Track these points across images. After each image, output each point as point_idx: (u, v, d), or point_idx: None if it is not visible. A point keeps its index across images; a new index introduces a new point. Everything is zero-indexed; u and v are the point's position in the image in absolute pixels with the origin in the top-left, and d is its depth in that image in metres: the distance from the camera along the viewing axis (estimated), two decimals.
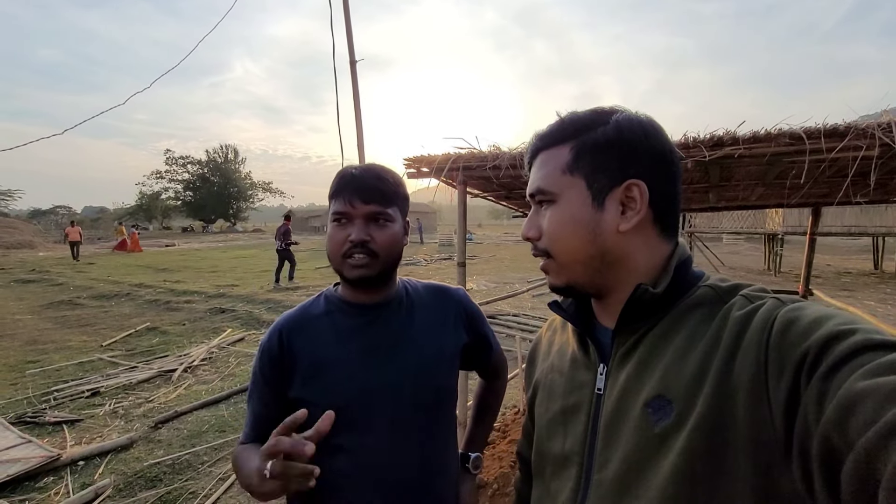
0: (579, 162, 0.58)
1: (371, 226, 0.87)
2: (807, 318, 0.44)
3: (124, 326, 6.65)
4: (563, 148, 0.60)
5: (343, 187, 0.87)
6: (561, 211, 0.59)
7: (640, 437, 0.50)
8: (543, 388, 0.69)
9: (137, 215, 50.92)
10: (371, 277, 0.88)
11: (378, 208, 0.87)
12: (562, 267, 0.61)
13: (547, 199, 0.60)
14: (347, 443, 0.87)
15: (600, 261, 0.58)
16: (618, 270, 0.59)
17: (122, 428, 3.49)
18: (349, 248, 0.86)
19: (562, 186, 0.59)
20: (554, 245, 0.60)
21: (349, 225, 0.87)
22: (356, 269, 0.87)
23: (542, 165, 0.61)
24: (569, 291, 0.63)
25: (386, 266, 0.90)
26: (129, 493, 2.69)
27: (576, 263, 0.59)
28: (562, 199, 0.59)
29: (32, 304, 8.52)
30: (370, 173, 0.89)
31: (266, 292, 9.26)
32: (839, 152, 1.51)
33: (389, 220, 0.89)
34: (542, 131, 0.63)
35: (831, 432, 0.36)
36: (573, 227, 0.58)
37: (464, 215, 2.40)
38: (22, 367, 4.90)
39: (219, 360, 5.13)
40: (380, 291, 0.94)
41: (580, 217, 0.58)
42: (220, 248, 24.66)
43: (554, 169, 0.60)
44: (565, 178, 0.59)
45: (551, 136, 0.61)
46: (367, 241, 0.86)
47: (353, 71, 2.30)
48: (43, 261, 16.77)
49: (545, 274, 0.63)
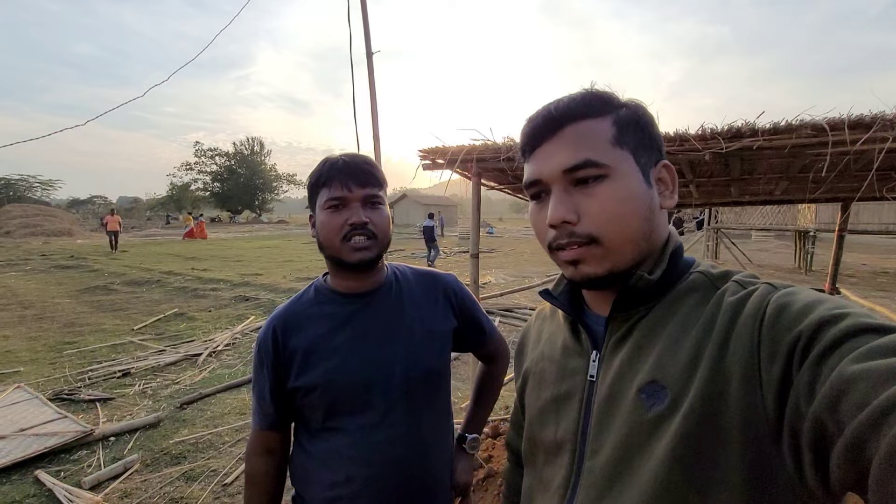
0: (625, 135, 0.55)
1: (367, 209, 0.90)
2: (799, 302, 0.44)
3: (154, 312, 6.94)
4: (604, 120, 0.55)
5: (336, 173, 0.90)
6: (618, 186, 0.53)
7: (634, 423, 0.50)
8: (534, 377, 0.68)
9: (168, 205, 52.61)
10: (371, 259, 0.91)
11: (373, 191, 0.91)
12: (610, 252, 0.54)
13: (598, 174, 0.53)
14: (343, 425, 0.92)
15: (647, 240, 0.55)
16: (651, 249, 0.57)
17: (150, 407, 3.66)
18: (349, 231, 0.89)
19: (616, 159, 0.54)
20: (610, 225, 0.53)
21: (345, 210, 0.89)
22: (358, 252, 0.89)
23: (580, 138, 0.54)
24: (603, 281, 0.56)
25: (382, 248, 0.93)
26: (155, 468, 2.83)
27: (629, 244, 0.54)
28: (618, 174, 0.53)
29: (70, 288, 8.96)
30: (360, 159, 0.92)
31: (289, 282, 9.47)
32: (864, 144, 1.45)
33: (381, 203, 0.93)
34: (563, 102, 0.56)
35: (823, 415, 0.36)
36: (635, 205, 0.54)
37: (478, 207, 2.41)
38: (60, 348, 5.19)
39: (241, 345, 5.29)
40: (370, 278, 0.97)
41: (640, 193, 0.54)
42: (246, 238, 25.28)
43: (602, 140, 0.54)
44: (617, 151, 0.54)
45: (585, 107, 0.55)
46: (367, 222, 0.89)
47: (370, 62, 2.32)
48: (81, 248, 17.58)
49: (576, 265, 0.55)
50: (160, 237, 25.07)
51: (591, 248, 0.54)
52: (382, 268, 1.01)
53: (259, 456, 0.99)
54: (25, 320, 6.49)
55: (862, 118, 1.46)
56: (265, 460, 0.99)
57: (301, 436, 0.99)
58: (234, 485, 2.66)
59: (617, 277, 0.55)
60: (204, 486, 2.63)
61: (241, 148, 54.80)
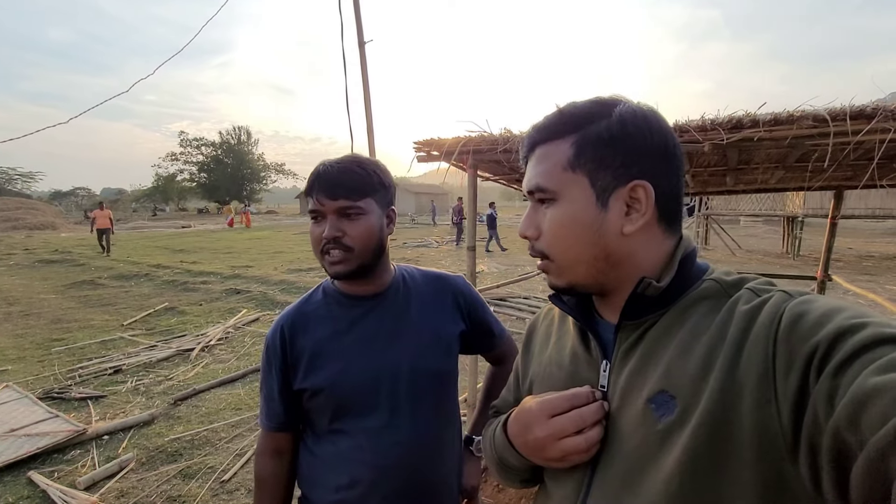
0: (581, 158, 0.55)
1: (343, 221, 0.87)
2: (816, 311, 0.43)
3: (144, 306, 6.84)
4: (564, 142, 0.56)
5: (312, 185, 0.88)
6: (562, 211, 0.56)
7: (644, 434, 0.50)
8: (542, 383, 0.67)
9: (154, 196, 51.70)
10: (350, 272, 0.88)
11: (346, 203, 0.86)
12: (562, 269, 0.58)
13: (547, 198, 0.57)
14: (349, 427, 0.91)
15: (604, 262, 0.56)
16: (621, 270, 0.56)
17: (143, 404, 3.62)
18: (324, 245, 0.87)
19: (563, 184, 0.56)
20: (554, 247, 0.57)
21: (323, 221, 0.87)
22: (333, 266, 0.88)
23: (541, 161, 0.58)
24: (570, 291, 0.60)
25: (364, 259, 0.89)
26: (150, 466, 2.80)
27: (578, 265, 0.57)
28: (563, 199, 0.56)
29: (56, 283, 8.79)
30: (337, 168, 0.87)
31: (280, 273, 9.39)
32: (865, 135, 1.44)
33: (361, 213, 0.87)
34: (539, 123, 0.59)
35: (843, 429, 0.35)
36: (575, 229, 0.55)
37: (474, 199, 2.38)
38: (48, 345, 5.09)
39: (235, 339, 5.25)
40: (373, 282, 0.95)
41: (583, 218, 0.55)
42: (236, 229, 24.99)
43: (554, 165, 0.56)
44: (567, 175, 0.55)
45: (550, 129, 0.57)
46: (339, 236, 0.86)
47: (362, 52, 2.26)
48: (65, 242, 17.23)
49: (544, 274, 0.60)
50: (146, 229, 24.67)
51: (548, 262, 0.59)
52: (389, 270, 0.99)
53: (268, 457, 0.98)
54: (11, 317, 6.36)
55: (863, 108, 1.45)
56: (274, 461, 0.98)
57: (307, 438, 0.99)
58: (233, 481, 2.65)
59: (588, 289, 0.59)
60: (202, 484, 2.62)
61: (227, 137, 53.76)
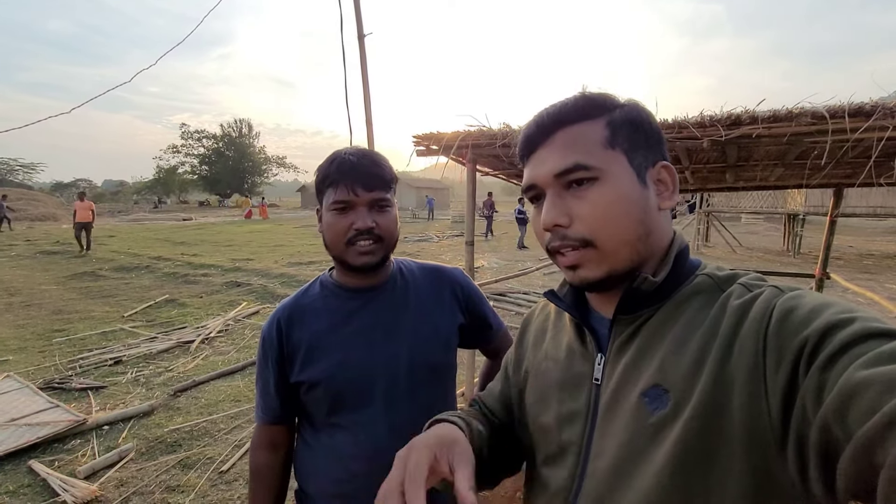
0: (618, 137, 0.55)
1: (374, 212, 0.89)
2: (805, 306, 0.43)
3: (144, 298, 6.86)
4: (596, 123, 0.55)
5: (343, 175, 0.88)
6: (610, 189, 0.53)
7: (636, 427, 0.50)
8: (536, 377, 0.68)
9: (155, 189, 51.67)
10: (377, 263, 0.90)
11: (381, 194, 0.89)
12: (606, 255, 0.54)
13: (589, 177, 0.53)
14: (346, 420, 0.92)
15: (644, 241, 0.55)
16: (651, 251, 0.56)
17: (143, 395, 3.65)
18: (354, 236, 0.87)
19: (608, 162, 0.54)
20: (602, 229, 0.53)
21: (351, 212, 0.88)
22: (362, 256, 0.88)
23: (573, 141, 0.55)
24: (604, 283, 0.56)
25: (389, 250, 0.93)
26: (150, 456, 2.83)
27: (623, 246, 0.54)
28: (609, 176, 0.53)
29: (57, 274, 8.82)
30: (368, 160, 0.89)
31: (280, 266, 9.41)
32: (864, 132, 1.44)
33: (389, 206, 0.91)
34: (556, 108, 0.57)
35: (830, 422, 0.36)
36: (626, 206, 0.53)
37: (473, 194, 2.38)
38: (49, 336, 5.12)
39: (234, 332, 5.27)
40: (376, 275, 0.96)
41: (632, 195, 0.54)
42: (237, 222, 25.00)
43: (593, 143, 0.54)
44: (609, 152, 0.54)
45: (577, 111, 0.56)
46: (373, 227, 0.88)
47: (362, 45, 2.25)
48: (66, 233, 17.24)
49: (575, 269, 0.56)
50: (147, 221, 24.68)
51: (586, 251, 0.54)
52: (388, 263, 1.00)
53: (264, 450, 0.99)
54: (12, 308, 6.39)
55: (862, 106, 1.44)
56: (270, 454, 0.99)
57: (304, 430, 0.99)
58: (231, 472, 2.67)
59: (617, 280, 0.55)
60: (200, 474, 2.64)
61: (228, 130, 53.72)
